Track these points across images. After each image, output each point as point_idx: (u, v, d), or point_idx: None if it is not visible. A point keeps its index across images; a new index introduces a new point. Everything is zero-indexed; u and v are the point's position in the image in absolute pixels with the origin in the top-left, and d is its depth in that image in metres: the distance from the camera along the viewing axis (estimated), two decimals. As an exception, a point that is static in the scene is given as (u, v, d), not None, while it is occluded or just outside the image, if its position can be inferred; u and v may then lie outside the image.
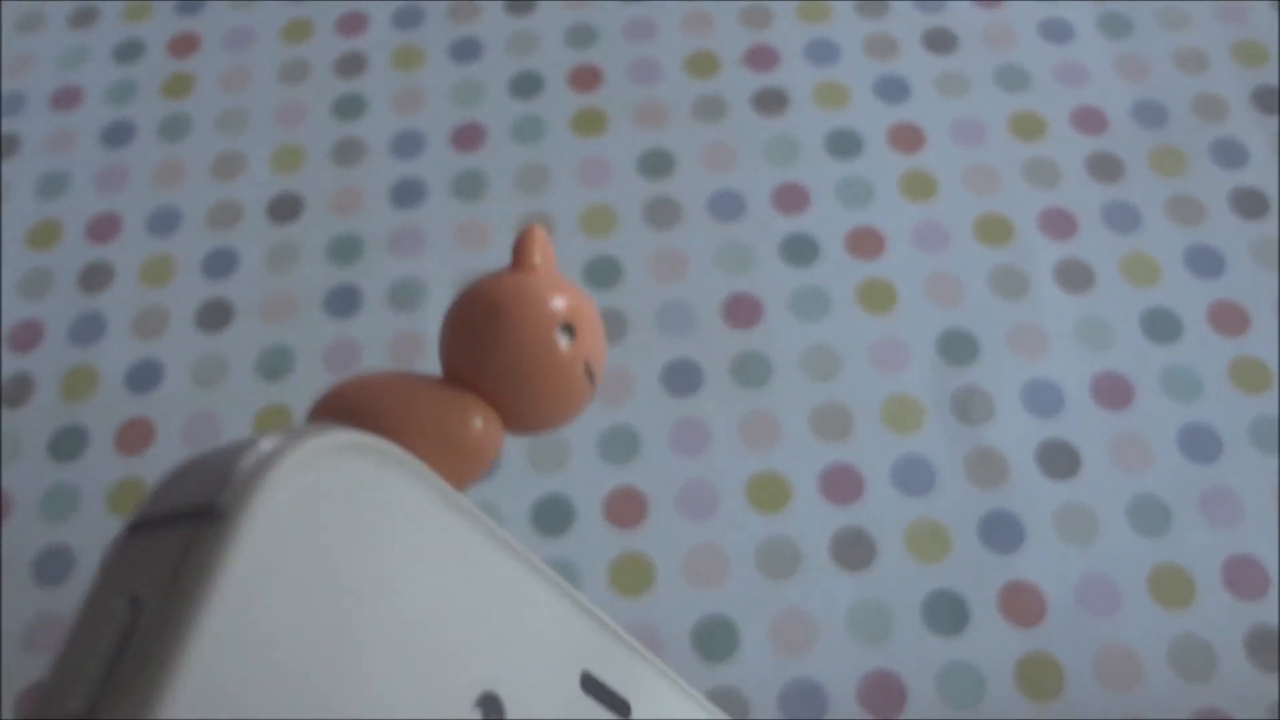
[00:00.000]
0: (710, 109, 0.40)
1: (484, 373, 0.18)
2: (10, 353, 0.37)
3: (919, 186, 0.38)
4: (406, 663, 0.14)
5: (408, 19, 0.43)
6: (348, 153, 0.40)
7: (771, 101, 0.40)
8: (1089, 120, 0.39)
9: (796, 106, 0.39)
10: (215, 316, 0.37)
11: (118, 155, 0.40)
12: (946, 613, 0.32)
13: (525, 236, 0.19)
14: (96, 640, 0.12)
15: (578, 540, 0.33)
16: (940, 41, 0.40)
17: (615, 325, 0.36)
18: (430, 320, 0.37)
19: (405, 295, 0.37)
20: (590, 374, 0.19)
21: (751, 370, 0.35)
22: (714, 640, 0.31)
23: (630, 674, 0.19)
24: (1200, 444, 0.33)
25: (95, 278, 0.38)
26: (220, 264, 0.38)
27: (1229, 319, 0.35)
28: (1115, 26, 0.41)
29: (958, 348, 0.35)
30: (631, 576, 0.32)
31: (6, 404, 0.36)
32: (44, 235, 0.39)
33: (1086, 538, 0.32)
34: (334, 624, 0.13)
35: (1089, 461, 0.33)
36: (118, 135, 0.41)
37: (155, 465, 0.35)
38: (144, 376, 0.36)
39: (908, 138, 0.39)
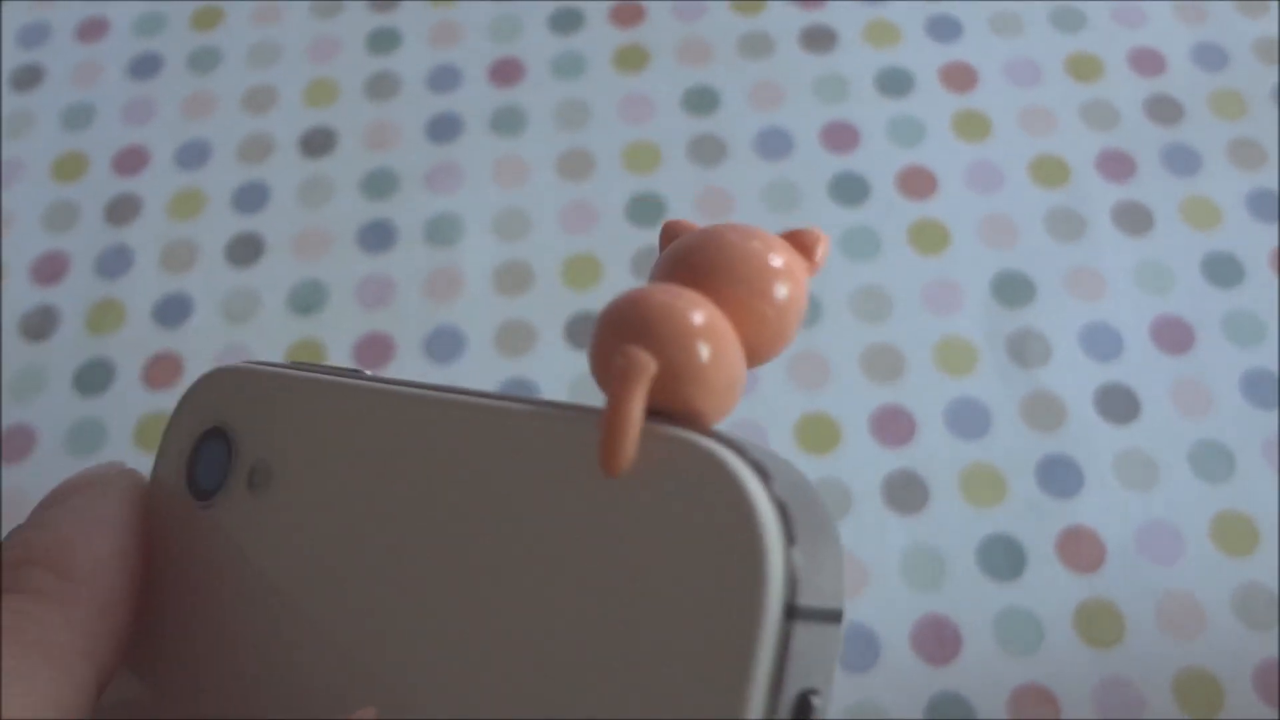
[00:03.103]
0: (756, 46, 0.38)
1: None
2: (35, 285, 0.36)
3: (972, 126, 0.37)
4: None
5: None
6: (382, 87, 0.39)
7: (820, 39, 0.38)
8: (1147, 62, 0.38)
9: (845, 44, 0.38)
10: (246, 251, 0.36)
11: (145, 87, 0.39)
12: (1003, 558, 0.31)
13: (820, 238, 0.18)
14: None
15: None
16: (992, -18, 0.39)
17: (659, 264, 0.35)
18: (466, 256, 0.35)
19: (441, 231, 0.36)
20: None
21: (800, 310, 0.34)
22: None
23: None
24: (1264, 389, 0.32)
25: (122, 211, 0.37)
26: (251, 198, 0.37)
27: (1293, 263, 0.34)
28: (1172, -31, 0.39)
29: (1013, 290, 0.34)
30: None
31: (31, 337, 0.35)
32: (69, 168, 0.38)
33: (1147, 483, 0.31)
34: None
35: (1149, 406, 0.32)
36: (145, 67, 0.40)
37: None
38: (172, 310, 0.35)
39: (960, 77, 0.38)
